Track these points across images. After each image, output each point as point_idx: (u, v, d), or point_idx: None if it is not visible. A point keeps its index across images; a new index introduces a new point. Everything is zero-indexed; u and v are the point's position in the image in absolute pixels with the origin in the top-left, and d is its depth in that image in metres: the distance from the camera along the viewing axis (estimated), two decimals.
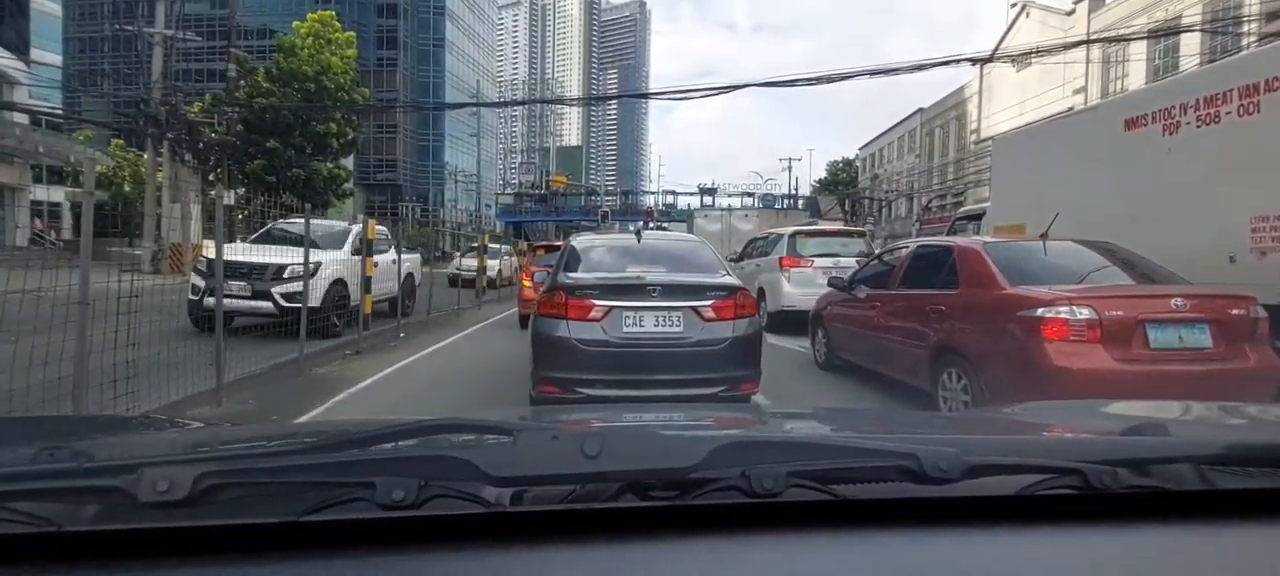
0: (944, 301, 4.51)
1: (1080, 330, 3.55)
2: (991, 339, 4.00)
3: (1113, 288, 3.98)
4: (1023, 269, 4.17)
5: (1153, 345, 3.58)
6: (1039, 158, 7.55)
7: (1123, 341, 3.56)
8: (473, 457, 0.68)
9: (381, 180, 59.21)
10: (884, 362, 5.26)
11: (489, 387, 5.66)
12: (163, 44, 19.42)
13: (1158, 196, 5.69)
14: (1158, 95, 6.11)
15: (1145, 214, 5.70)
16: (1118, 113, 6.32)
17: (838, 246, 9.70)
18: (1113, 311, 3.59)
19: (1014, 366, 3.77)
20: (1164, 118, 5.66)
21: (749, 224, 19.52)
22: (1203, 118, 5.32)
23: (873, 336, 5.38)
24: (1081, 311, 3.57)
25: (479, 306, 13.09)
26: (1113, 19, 22.37)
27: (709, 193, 44.82)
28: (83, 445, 0.97)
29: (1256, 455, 0.85)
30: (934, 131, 37.04)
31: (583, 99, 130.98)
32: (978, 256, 4.38)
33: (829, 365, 6.35)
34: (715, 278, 4.23)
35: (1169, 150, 5.62)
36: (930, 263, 4.95)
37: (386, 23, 59.01)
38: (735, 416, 1.93)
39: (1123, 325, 3.57)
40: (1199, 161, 5.34)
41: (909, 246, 5.59)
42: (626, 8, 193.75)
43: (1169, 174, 5.60)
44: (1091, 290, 3.84)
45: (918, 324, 4.71)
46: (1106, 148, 6.35)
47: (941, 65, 14.13)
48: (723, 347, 3.82)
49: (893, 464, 0.75)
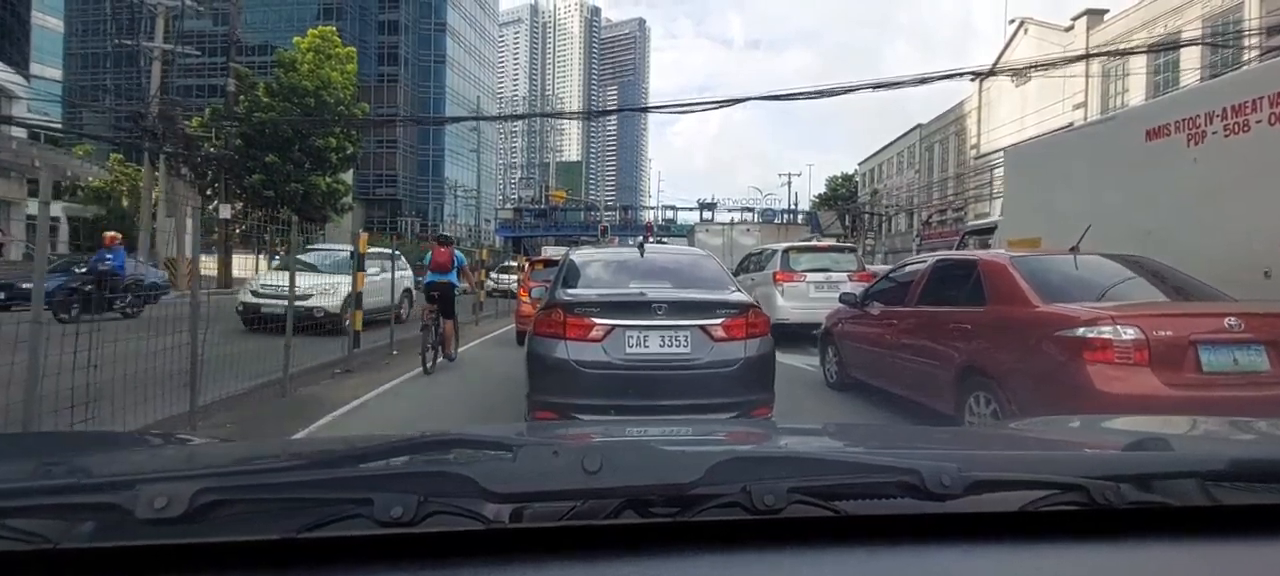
0: (969, 319, 4.23)
1: (1126, 351, 3.22)
2: (1024, 360, 3.69)
3: (1158, 305, 3.67)
4: (1056, 284, 3.87)
5: (1205, 369, 3.24)
6: (1054, 169, 7.34)
7: (1173, 364, 3.23)
8: (472, 473, 0.67)
9: (381, 195, 59.18)
10: (904, 384, 4.95)
11: (485, 411, 5.39)
12: (161, 58, 19.32)
13: (1181, 209, 5.47)
14: (1181, 104, 5.88)
15: (1168, 227, 5.49)
16: (1138, 122, 6.09)
17: (829, 261, 9.96)
18: (1161, 331, 3.26)
19: (1051, 391, 3.45)
20: (1188, 127, 5.43)
21: (751, 238, 19.38)
22: (1230, 127, 5.09)
23: (888, 355, 5.10)
24: (1127, 331, 3.24)
25: (476, 322, 12.83)
26: (1112, 35, 22.35)
27: (708, 207, 44.70)
28: (79, 461, 0.95)
29: (1261, 471, 0.84)
30: (933, 146, 37.00)
31: (583, 113, 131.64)
32: (1005, 271, 4.09)
33: (841, 385, 6.07)
34: (725, 294, 3.95)
35: (1194, 161, 5.39)
36: (952, 277, 4.69)
37: (388, 39, 59.33)
38: (736, 431, 1.87)
39: (1172, 346, 3.25)
40: (1227, 172, 5.11)
41: (928, 260, 5.33)
42: (626, 25, 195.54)
43: (1194, 185, 5.37)
44: (1135, 307, 3.53)
45: (941, 343, 4.43)
46: (1126, 158, 6.12)
47: (944, 78, 14.06)
48: (734, 370, 3.53)
49: (895, 479, 0.74)
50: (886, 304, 5.39)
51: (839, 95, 14.39)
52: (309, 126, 26.13)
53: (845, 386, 5.98)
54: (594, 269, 4.41)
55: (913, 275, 5.24)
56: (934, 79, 13.86)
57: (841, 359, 6.06)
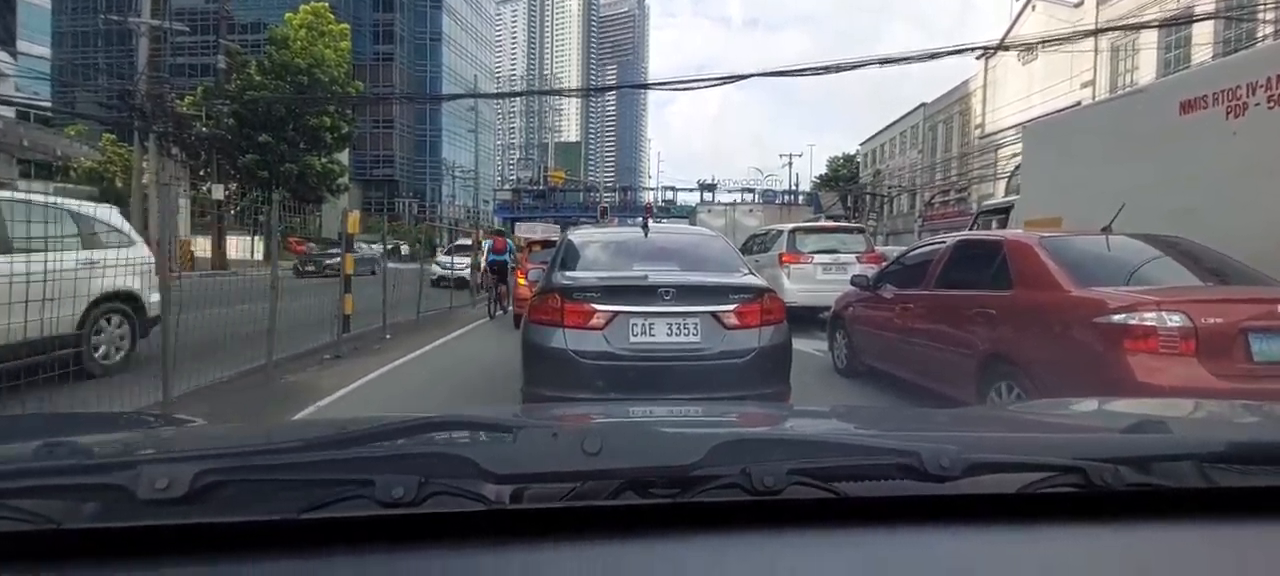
0: (993, 304, 3.98)
1: (1172, 339, 2.99)
2: (1055, 349, 3.45)
3: (1203, 290, 3.41)
4: (1089, 267, 3.62)
5: (1257, 358, 2.99)
6: (1076, 146, 7.01)
7: (1222, 353, 2.99)
8: (473, 454, 0.68)
9: (378, 176, 58.59)
10: (921, 372, 4.71)
11: (480, 401, 5.12)
12: (149, 34, 18.80)
13: (1219, 186, 5.15)
14: (1220, 73, 5.54)
15: (1204, 205, 5.18)
16: (1172, 94, 5.74)
17: (837, 242, 9.71)
18: (1209, 318, 3.02)
19: (1085, 382, 3.20)
20: (1228, 98, 5.10)
21: (754, 219, 19.39)
22: (1275, 98, 4.78)
23: (903, 341, 4.87)
24: (1172, 318, 3.01)
25: (473, 305, 12.58)
26: (1123, 10, 21.80)
27: (709, 188, 44.09)
28: (82, 442, 0.93)
29: (1259, 453, 0.84)
30: (937, 126, 36.46)
31: (581, 90, 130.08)
32: (1033, 253, 3.83)
33: (850, 371, 5.82)
34: (736, 278, 3.64)
35: (1234, 134, 5.06)
36: (975, 259, 4.44)
37: (383, 17, 58.30)
38: (736, 413, 1.84)
39: (1221, 334, 3.02)
40: (1271, 146, 4.81)
41: (947, 240, 5.04)
42: (625, 3, 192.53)
43: (1233, 161, 5.06)
44: (1179, 292, 3.27)
45: (961, 329, 4.19)
46: (1158, 133, 5.78)
47: (953, 54, 13.65)
48: (748, 360, 3.23)
49: (894, 461, 0.74)
50: (901, 287, 5.12)
51: (845, 71, 14.00)
52: (302, 105, 25.63)
53: (855, 372, 5.74)
54: (594, 250, 4.10)
55: (930, 256, 4.97)
56: (943, 54, 13.45)
57: (852, 344, 5.82)
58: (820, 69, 14.51)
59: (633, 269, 3.65)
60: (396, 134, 59.33)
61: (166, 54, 20.20)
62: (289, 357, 5.89)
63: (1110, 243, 3.90)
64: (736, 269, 3.85)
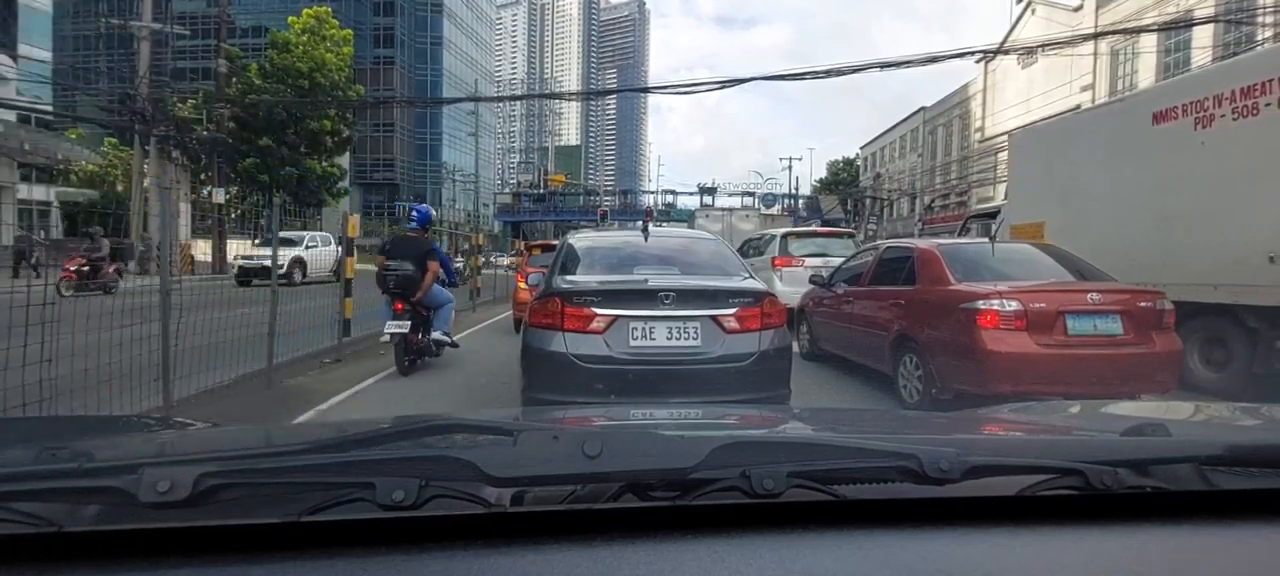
0: (903, 297, 5.00)
1: (1009, 319, 4.05)
2: (940, 328, 4.44)
3: (1040, 284, 4.41)
4: (971, 268, 4.64)
5: (1071, 332, 4.07)
6: (1060, 153, 7.07)
7: (1045, 329, 4.04)
8: (473, 458, 0.68)
9: (378, 179, 58.61)
10: (855, 351, 5.77)
11: (481, 404, 5.11)
12: (149, 39, 18.85)
13: (1190, 194, 5.35)
14: (1189, 86, 5.68)
15: (1177, 211, 5.44)
16: (1145, 105, 5.89)
17: (827, 246, 10.13)
18: (1037, 304, 4.08)
19: (957, 351, 4.24)
20: (1196, 110, 5.28)
21: (750, 224, 19.96)
22: (1239, 110, 4.93)
23: (847, 328, 5.91)
24: (1010, 304, 4.08)
25: (473, 309, 12.57)
26: (1122, 14, 21.82)
27: (709, 192, 44.09)
28: (84, 445, 0.94)
29: (1258, 455, 0.84)
30: (936, 130, 36.49)
31: (582, 93, 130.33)
32: (933, 257, 4.86)
33: (811, 356, 6.79)
34: (737, 281, 3.63)
35: (1202, 144, 5.23)
36: (894, 263, 5.41)
37: (384, 21, 58.39)
38: (736, 416, 1.85)
39: (1045, 315, 4.06)
40: (1235, 156, 4.97)
41: (878, 248, 6.07)
42: (625, 7, 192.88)
43: (1202, 170, 5.23)
44: (1021, 286, 4.28)
45: (882, 316, 5.22)
46: (1133, 142, 5.93)
47: (953, 57, 13.68)
48: (748, 364, 3.23)
49: (893, 464, 0.74)
50: (847, 284, 6.09)
51: (846, 75, 14.02)
52: (303, 108, 25.65)
53: (815, 357, 6.75)
54: (594, 254, 4.09)
55: (866, 261, 5.99)
56: (943, 58, 13.50)
57: (812, 333, 6.82)
58: (822, 72, 14.54)
59: (633, 273, 3.65)
60: (397, 137, 59.34)
61: (168, 58, 20.22)
62: (289, 361, 5.88)
63: (995, 250, 4.83)
64: (737, 273, 3.85)
